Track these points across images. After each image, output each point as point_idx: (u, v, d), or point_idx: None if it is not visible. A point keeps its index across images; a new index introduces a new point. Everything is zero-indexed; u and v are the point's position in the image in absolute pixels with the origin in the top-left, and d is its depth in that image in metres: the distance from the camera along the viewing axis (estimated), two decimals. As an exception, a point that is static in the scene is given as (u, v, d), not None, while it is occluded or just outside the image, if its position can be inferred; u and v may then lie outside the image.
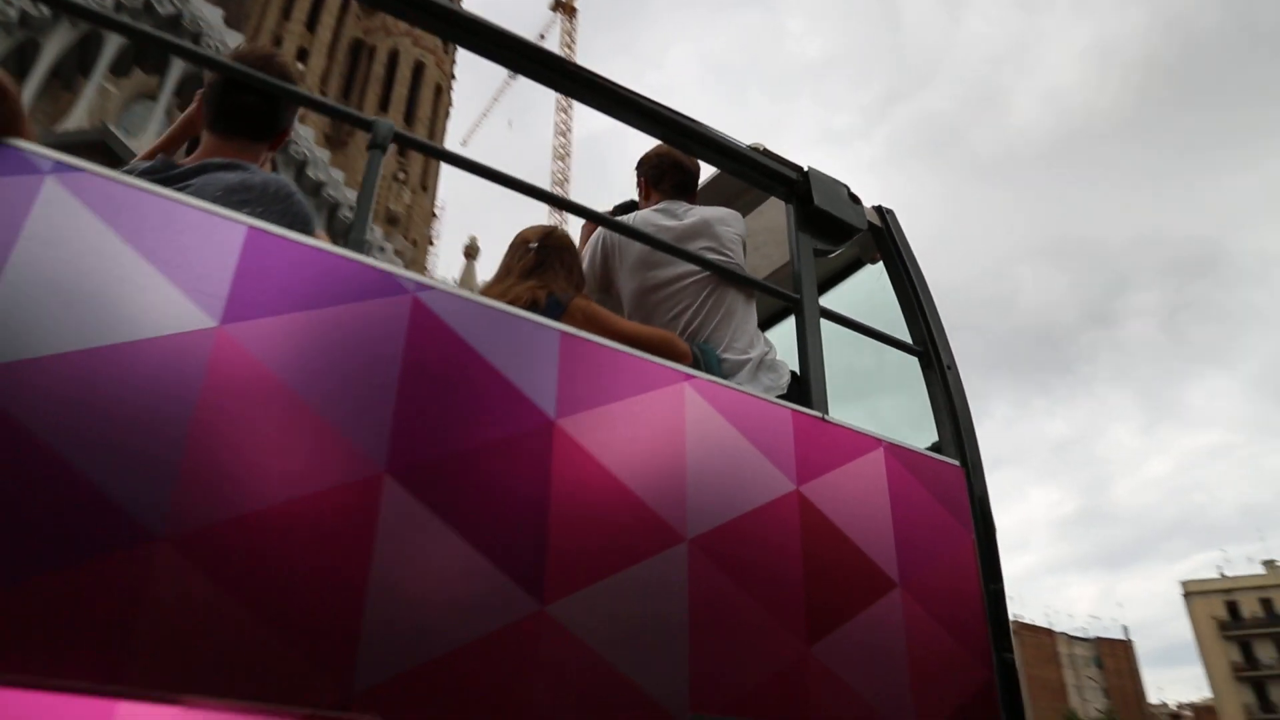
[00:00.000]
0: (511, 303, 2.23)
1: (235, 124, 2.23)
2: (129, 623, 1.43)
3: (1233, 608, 69.40)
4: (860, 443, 2.69)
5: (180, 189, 1.92)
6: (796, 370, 2.88)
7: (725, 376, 2.64)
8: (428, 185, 70.95)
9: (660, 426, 2.23)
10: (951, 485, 2.90)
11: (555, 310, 2.36)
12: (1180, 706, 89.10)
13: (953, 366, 3.16)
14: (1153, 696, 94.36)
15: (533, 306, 2.31)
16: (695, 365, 2.56)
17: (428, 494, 1.79)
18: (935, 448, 3.05)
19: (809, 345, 2.77)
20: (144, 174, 2.00)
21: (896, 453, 2.77)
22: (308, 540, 1.63)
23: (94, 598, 1.42)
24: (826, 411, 2.66)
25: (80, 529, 1.44)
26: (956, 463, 2.97)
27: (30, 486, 1.42)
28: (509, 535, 1.86)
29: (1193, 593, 71.56)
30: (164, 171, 2.04)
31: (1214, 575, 73.50)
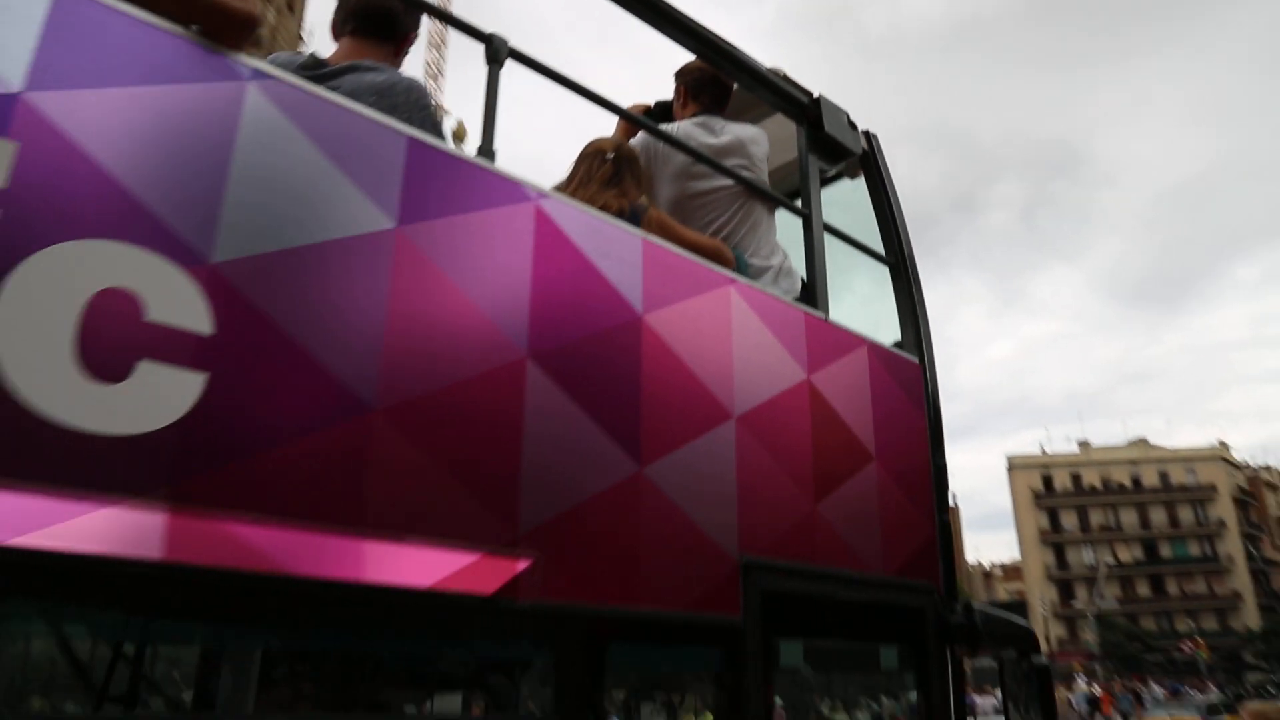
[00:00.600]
0: (600, 209, 2.58)
1: (368, 26, 2.43)
2: (359, 478, 1.80)
3: (1047, 480, 77.22)
4: (850, 341, 3.22)
5: (331, 87, 2.15)
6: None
7: (752, 280, 3.08)
8: (295, 6, 65.80)
9: (713, 324, 2.68)
10: (912, 378, 3.49)
11: (635, 219, 2.71)
12: (992, 566, 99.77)
13: (918, 278, 3.70)
14: (970, 557, 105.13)
15: (619, 214, 2.66)
16: (737, 271, 2.98)
17: (558, 375, 2.19)
18: (898, 345, 3.61)
19: (815, 255, 3.24)
20: (300, 70, 2.21)
21: (875, 350, 3.32)
22: (476, 412, 2.02)
23: (333, 458, 1.78)
24: (828, 314, 3.16)
25: (319, 404, 1.78)
26: (916, 359, 3.56)
27: (281, 369, 1.74)
28: (615, 411, 2.29)
29: (1015, 466, 79.08)
30: (316, 69, 2.25)
31: (1035, 451, 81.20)
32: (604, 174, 2.90)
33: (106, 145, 1.63)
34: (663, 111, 3.64)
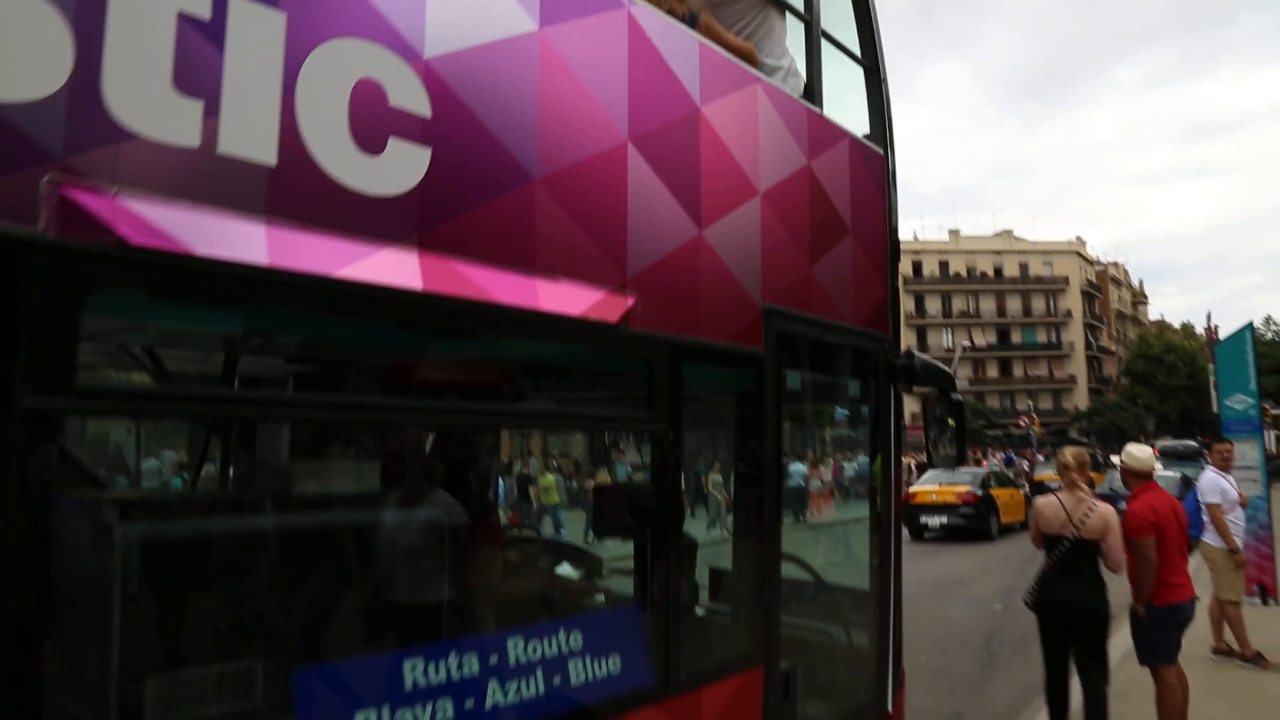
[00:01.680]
0: (668, 13, 3.07)
1: None
2: (530, 231, 2.41)
3: (917, 267, 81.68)
4: (838, 134, 3.89)
5: None
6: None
7: (768, 78, 3.65)
8: None
9: (746, 116, 3.28)
10: (877, 167, 4.21)
11: (692, 23, 3.20)
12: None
13: (887, 81, 4.34)
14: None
15: (681, 20, 3.14)
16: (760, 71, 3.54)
17: (647, 155, 2.80)
18: (867, 138, 4.29)
19: (813, 59, 3.82)
20: None
21: (854, 142, 4.01)
22: (597, 183, 2.63)
23: (512, 216, 2.37)
24: (823, 110, 3.80)
25: (501, 173, 2.35)
26: (881, 151, 4.26)
27: (475, 146, 2.29)
28: (683, 185, 2.93)
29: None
30: None
31: (909, 239, 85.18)
32: None
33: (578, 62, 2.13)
34: None
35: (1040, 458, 39.87)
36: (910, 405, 5.64)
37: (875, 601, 4.06)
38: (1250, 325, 12.30)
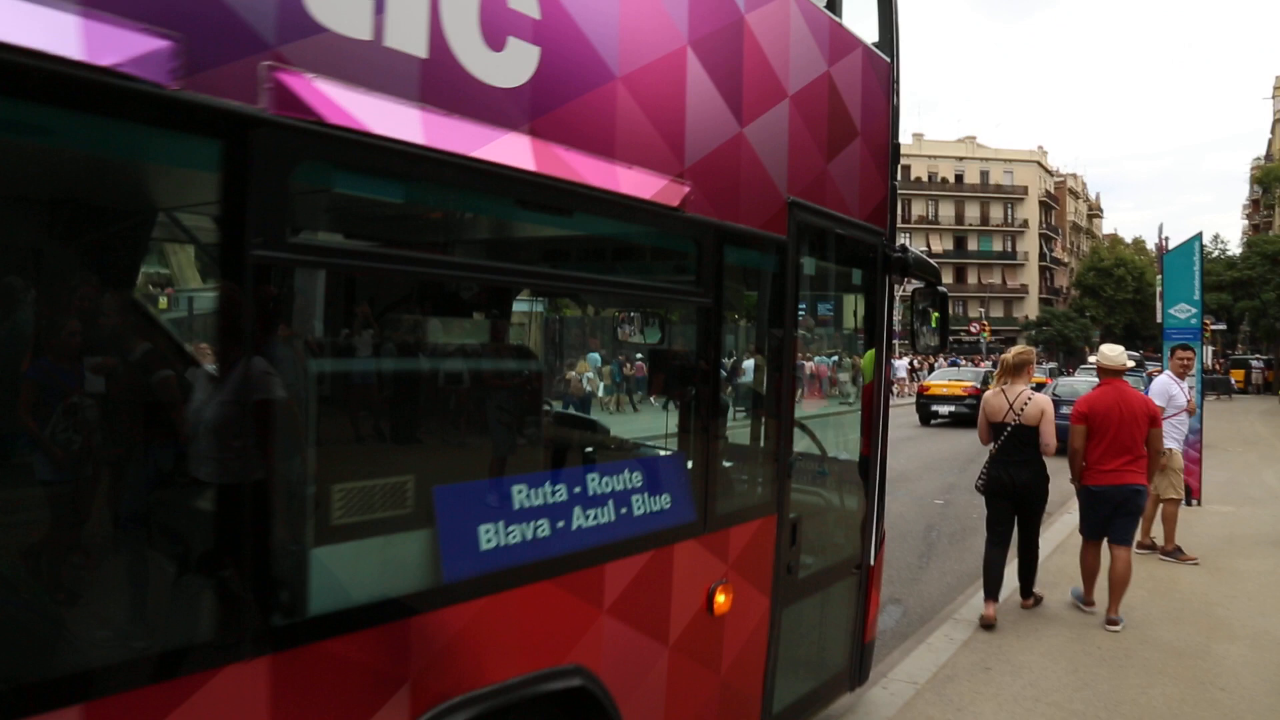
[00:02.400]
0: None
1: None
2: (611, 122, 2.78)
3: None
4: (853, 42, 4.24)
5: None
6: None
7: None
8: None
9: (779, 28, 3.63)
10: (884, 73, 4.58)
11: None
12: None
13: (896, -7, 4.68)
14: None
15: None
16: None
17: (704, 59, 3.15)
18: (876, 45, 4.64)
19: None
20: None
21: (867, 51, 4.37)
22: (664, 82, 2.98)
23: (596, 109, 2.74)
24: (841, 18, 4.14)
25: (587, 70, 2.70)
26: (888, 59, 4.62)
27: (568, 45, 2.63)
28: (728, 89, 3.29)
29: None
30: None
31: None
32: None
33: None
34: None
35: (987, 363, 41.46)
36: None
37: (863, 472, 4.63)
38: (1199, 236, 12.84)
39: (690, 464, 3.33)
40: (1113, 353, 6.83)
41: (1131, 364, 8.34)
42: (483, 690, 2.46)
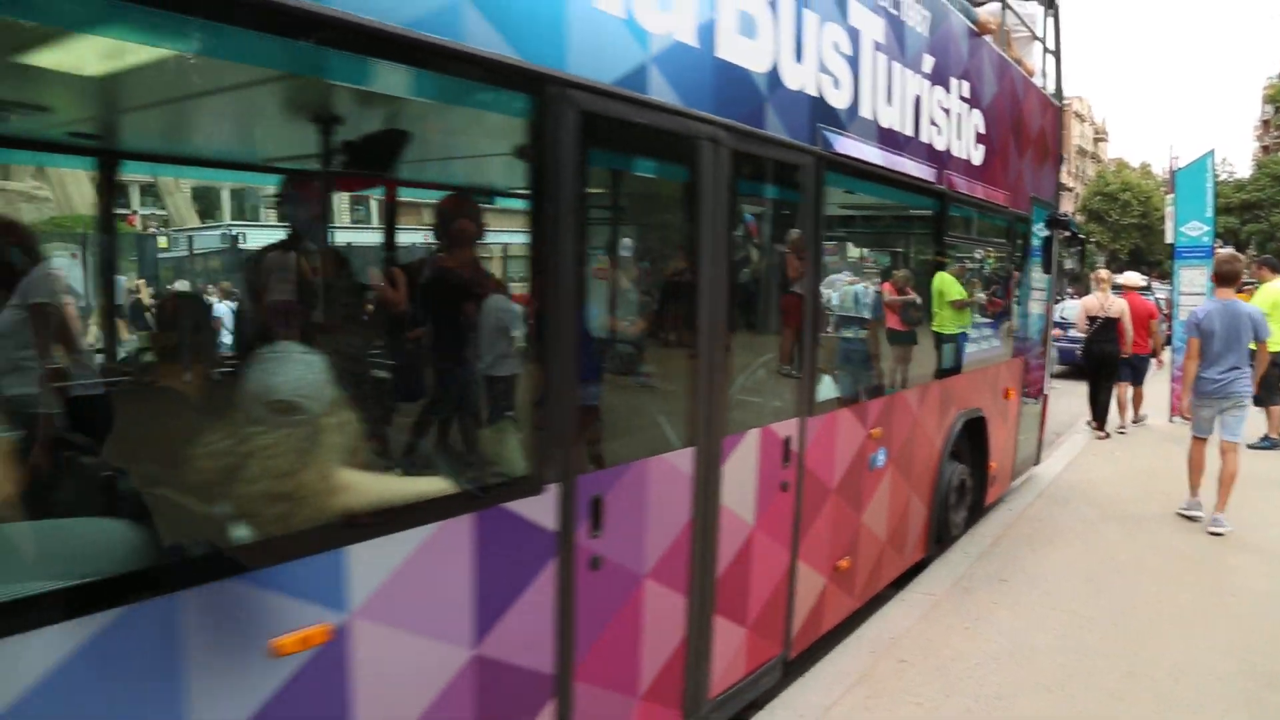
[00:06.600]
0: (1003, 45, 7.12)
1: None
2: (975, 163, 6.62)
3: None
4: (1050, 103, 8.05)
5: None
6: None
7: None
8: None
9: (1029, 97, 7.44)
10: (1057, 114, 8.38)
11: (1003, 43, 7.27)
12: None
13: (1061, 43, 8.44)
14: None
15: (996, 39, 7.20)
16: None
17: (1011, 128, 6.98)
18: (1053, 95, 8.40)
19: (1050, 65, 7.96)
20: None
21: (1054, 106, 8.19)
22: (1000, 143, 6.82)
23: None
24: (1045, 88, 7.99)
25: (977, 145, 6.52)
26: (1058, 104, 8.42)
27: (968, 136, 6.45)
28: (1013, 134, 7.13)
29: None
30: None
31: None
32: None
33: None
34: None
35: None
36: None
37: (1045, 343, 8.59)
38: (1211, 154, 13.29)
39: (1010, 335, 7.32)
40: (1134, 276, 11.74)
41: (1142, 281, 11.86)
42: (973, 409, 6.46)
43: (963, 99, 5.85)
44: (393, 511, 2.38)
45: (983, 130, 6.26)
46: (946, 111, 5.61)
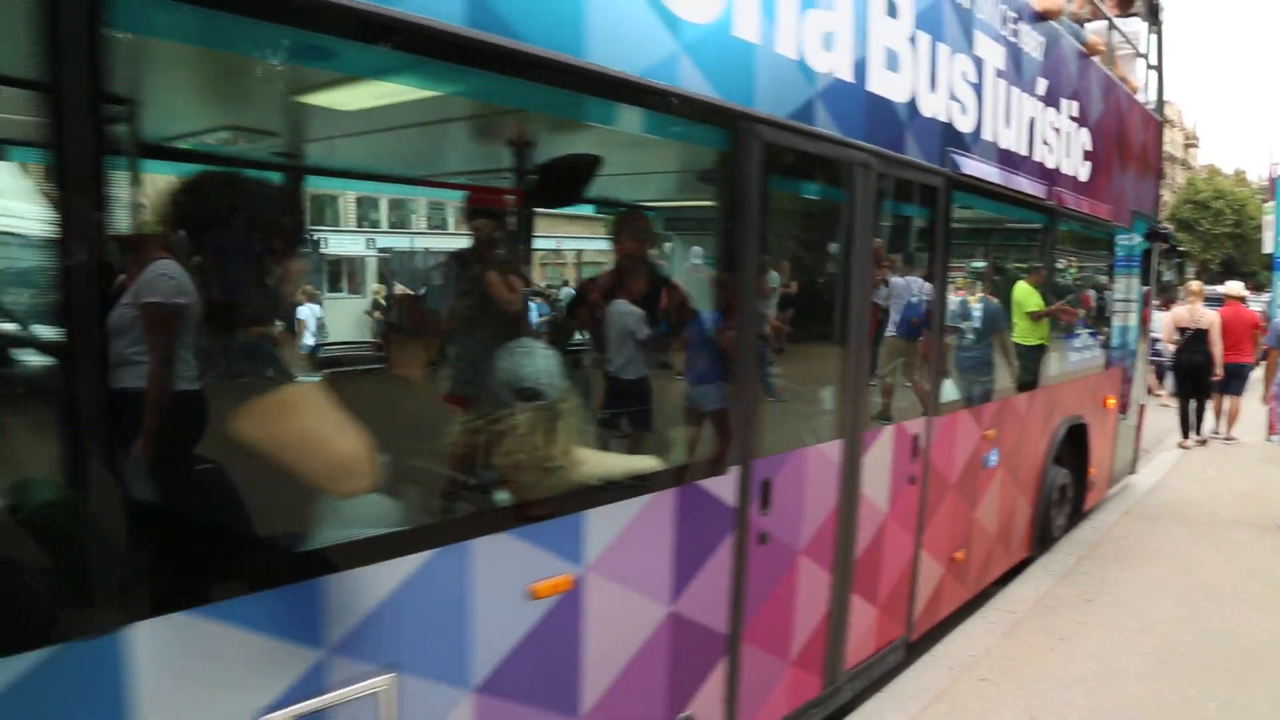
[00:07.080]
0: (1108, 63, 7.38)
1: None
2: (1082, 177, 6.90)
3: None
4: (1153, 118, 8.28)
5: None
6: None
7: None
8: None
9: (1132, 112, 7.68)
10: (1158, 128, 8.59)
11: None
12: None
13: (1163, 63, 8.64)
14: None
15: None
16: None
17: (1117, 149, 7.25)
18: (1153, 108, 8.61)
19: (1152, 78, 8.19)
20: None
21: (1155, 121, 8.40)
22: (1106, 161, 7.08)
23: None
24: (1147, 104, 8.21)
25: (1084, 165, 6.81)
26: (1159, 120, 8.63)
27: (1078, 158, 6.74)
28: (1116, 149, 7.38)
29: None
30: None
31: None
32: None
33: None
34: None
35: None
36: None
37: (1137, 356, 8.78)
38: None
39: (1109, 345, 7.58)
40: (1235, 285, 11.65)
41: (1246, 292, 12.01)
42: (1075, 415, 6.76)
43: (1072, 118, 6.16)
44: (618, 483, 2.85)
45: (1089, 148, 6.55)
46: (1057, 131, 5.93)
